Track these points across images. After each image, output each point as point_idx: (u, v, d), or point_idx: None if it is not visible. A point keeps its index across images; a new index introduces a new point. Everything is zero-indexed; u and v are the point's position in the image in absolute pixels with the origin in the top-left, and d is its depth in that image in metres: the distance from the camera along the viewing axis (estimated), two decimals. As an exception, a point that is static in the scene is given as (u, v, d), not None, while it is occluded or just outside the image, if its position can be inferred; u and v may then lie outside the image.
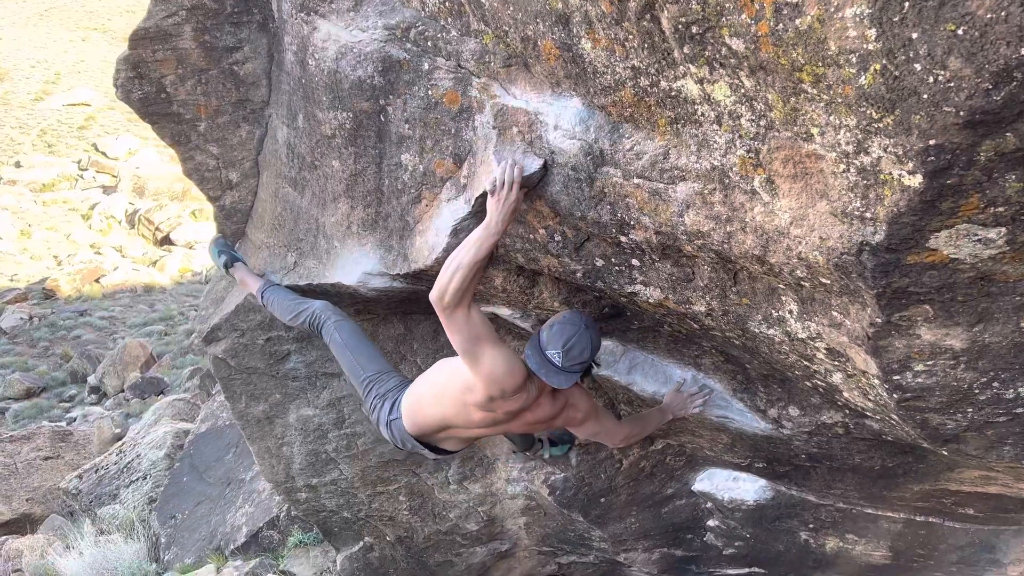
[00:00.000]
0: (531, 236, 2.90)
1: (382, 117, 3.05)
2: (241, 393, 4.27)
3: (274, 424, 4.40)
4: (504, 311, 3.60)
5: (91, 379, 19.74)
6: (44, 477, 10.97)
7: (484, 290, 3.37)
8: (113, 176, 36.99)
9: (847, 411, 3.03)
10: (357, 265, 3.37)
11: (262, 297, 3.70)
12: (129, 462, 9.09)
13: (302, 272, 3.63)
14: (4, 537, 9.29)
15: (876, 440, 3.20)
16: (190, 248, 31.34)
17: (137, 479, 8.87)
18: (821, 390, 2.87)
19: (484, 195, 2.79)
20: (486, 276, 3.24)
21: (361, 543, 5.10)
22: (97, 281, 27.42)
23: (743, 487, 4.44)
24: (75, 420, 15.71)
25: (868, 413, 2.77)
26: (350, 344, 3.43)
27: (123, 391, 18.48)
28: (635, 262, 2.68)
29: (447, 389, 3.01)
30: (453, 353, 2.93)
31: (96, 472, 9.17)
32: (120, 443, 9.68)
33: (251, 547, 6.56)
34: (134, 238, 32.59)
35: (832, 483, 4.00)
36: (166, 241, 31.83)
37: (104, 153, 38.94)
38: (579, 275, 2.91)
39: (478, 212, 2.90)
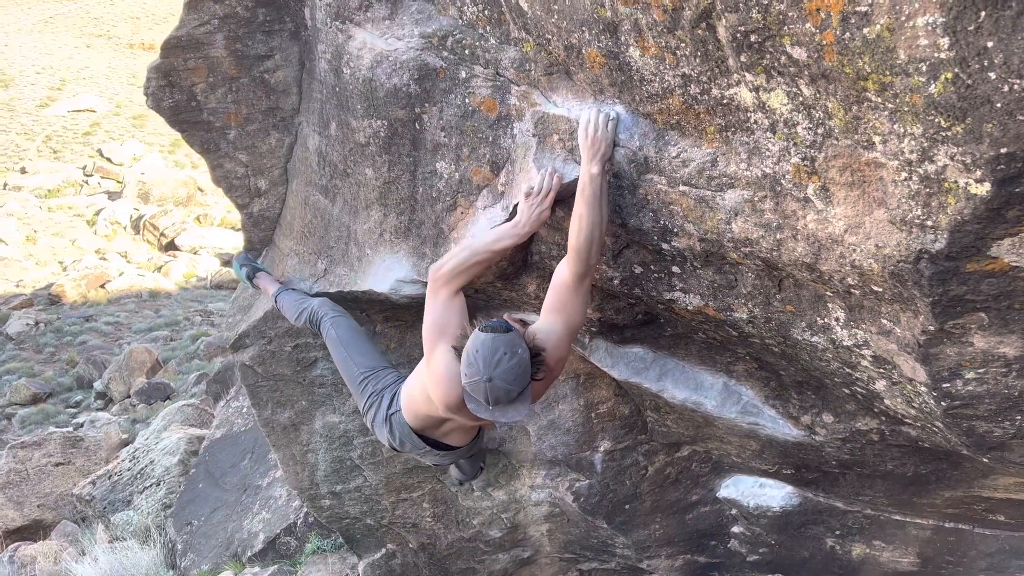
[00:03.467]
0: (567, 244, 2.90)
1: (417, 125, 3.05)
2: (267, 400, 4.27)
3: (299, 431, 4.39)
4: (534, 317, 3.59)
5: (97, 385, 19.77)
6: (55, 483, 10.98)
7: (516, 297, 3.37)
8: (118, 182, 37.08)
9: (884, 418, 3.02)
10: (389, 272, 3.37)
11: (276, 301, 3.71)
12: (143, 468, 9.09)
13: (332, 279, 3.63)
14: (16, 543, 9.28)
15: (911, 447, 3.20)
16: (195, 253, 31.43)
17: (151, 485, 8.87)
18: (860, 397, 2.87)
19: (522, 203, 2.80)
20: (519, 283, 3.24)
21: (383, 550, 5.09)
22: (102, 287, 27.49)
23: (769, 493, 4.43)
24: (82, 426, 15.73)
25: (908, 420, 2.76)
26: (344, 339, 3.34)
27: (129, 396, 18.52)
28: (675, 269, 2.68)
29: (423, 381, 2.87)
30: None
31: (109, 478, 9.17)
32: (133, 449, 9.68)
33: (268, 554, 6.55)
34: (139, 244, 32.67)
35: (861, 489, 3.99)
36: (171, 247, 31.90)
37: (109, 159, 39.05)
38: (616, 282, 2.91)
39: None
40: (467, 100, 2.87)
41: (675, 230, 2.47)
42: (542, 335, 2.63)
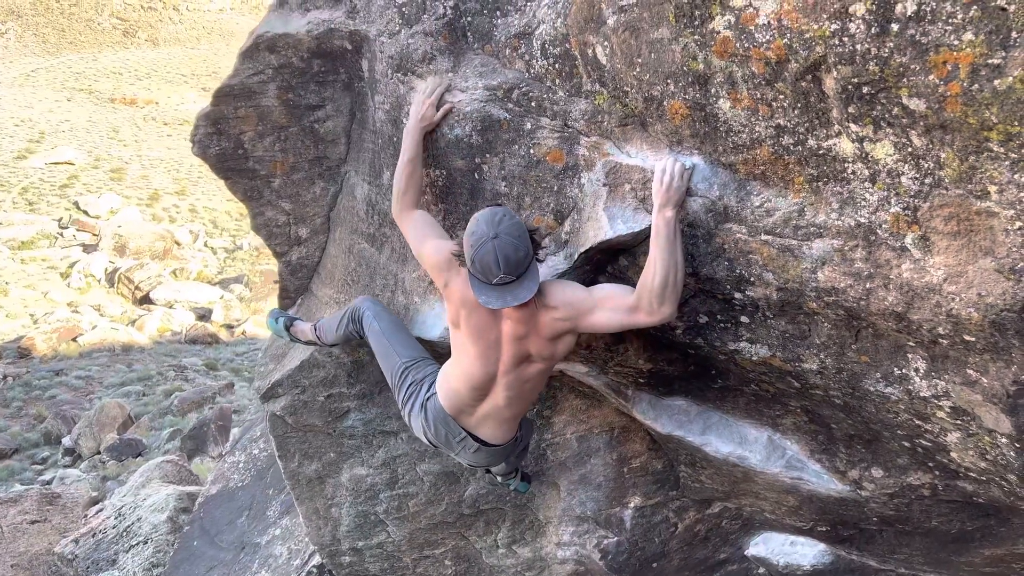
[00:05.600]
0: (630, 293, 2.91)
1: (476, 175, 3.07)
2: (295, 452, 4.18)
3: (325, 484, 4.29)
4: (579, 368, 3.58)
5: (66, 441, 19.25)
6: (30, 542, 10.59)
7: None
8: (94, 235, 36.84)
9: (938, 472, 3.03)
10: (439, 320, 3.35)
11: (315, 332, 3.66)
12: (129, 526, 8.80)
13: (376, 328, 3.59)
14: (-11, 606, 8.90)
15: (963, 502, 3.19)
16: (170, 307, 31.15)
17: (137, 544, 8.58)
18: (920, 450, 2.87)
19: (588, 251, 2.82)
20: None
21: (400, 611, 4.94)
22: (74, 340, 27.02)
23: (800, 551, 4.39)
24: (49, 483, 15.27)
25: (971, 474, 2.77)
26: (387, 331, 3.31)
27: (99, 453, 18.08)
28: (744, 319, 2.69)
29: (452, 336, 3.00)
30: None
31: (93, 536, 8.86)
32: (119, 506, 9.38)
33: (268, 616, 6.32)
34: (113, 297, 32.35)
35: (898, 547, 3.96)
36: (146, 300, 31.61)
37: (85, 211, 38.82)
38: (679, 332, 2.92)
39: (578, 268, 2.91)
40: (532, 151, 2.90)
41: (752, 279, 2.49)
42: (556, 286, 2.77)
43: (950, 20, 1.60)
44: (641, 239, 2.69)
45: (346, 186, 3.70)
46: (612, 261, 2.91)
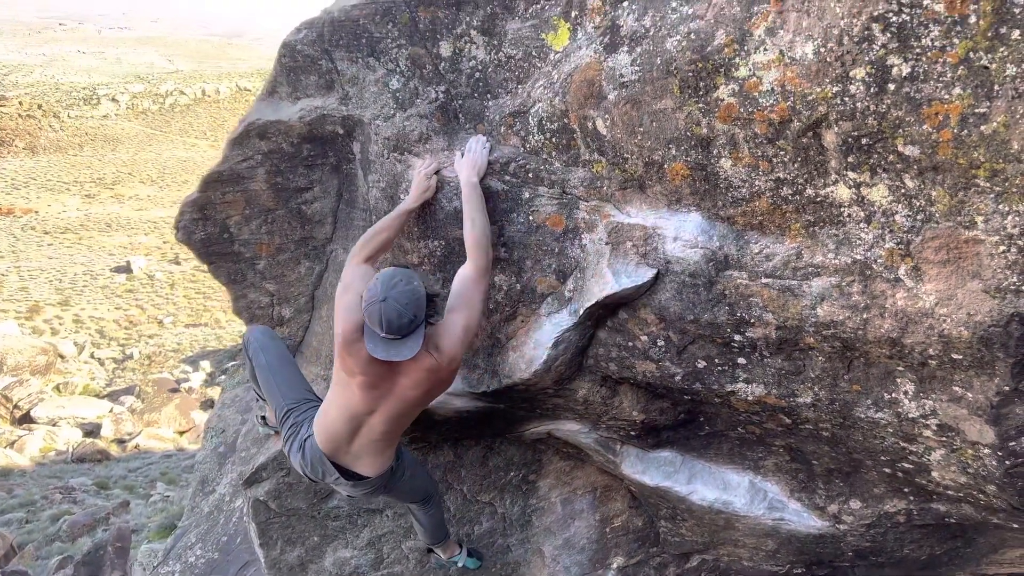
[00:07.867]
0: (630, 344, 3.11)
1: (474, 243, 3.25)
2: (277, 538, 4.08)
3: (307, 571, 4.19)
4: (571, 426, 3.72)
5: (-60, 580, 17.51)
6: None
7: (563, 403, 3.50)
8: (-35, 352, 34.43)
9: (913, 497, 3.30)
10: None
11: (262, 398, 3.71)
12: (45, 657, 8.08)
13: (369, 400, 3.64)
14: None
15: (935, 525, 3.47)
16: (54, 425, 29.23)
17: (55, 676, 7.87)
18: (900, 475, 3.14)
19: (593, 306, 3.02)
20: (570, 387, 3.39)
21: None
22: (-55, 468, 24.85)
23: (776, 598, 4.55)
24: (-80, 636, 13.82)
25: (948, 492, 3.04)
26: (273, 367, 3.39)
27: (-23, 591, 16.53)
28: (741, 360, 2.93)
29: (336, 373, 3.07)
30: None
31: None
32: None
33: None
34: (-12, 418, 30.09)
35: (868, 582, 4.20)
36: (26, 419, 29.60)
37: (-44, 328, 36.34)
38: (678, 378, 3.12)
39: (582, 324, 3.10)
40: (531, 217, 3.11)
41: (752, 320, 2.74)
42: (442, 329, 2.95)
43: (941, 78, 1.93)
44: (643, 291, 2.92)
45: (332, 264, 3.79)
46: (612, 315, 3.11)
